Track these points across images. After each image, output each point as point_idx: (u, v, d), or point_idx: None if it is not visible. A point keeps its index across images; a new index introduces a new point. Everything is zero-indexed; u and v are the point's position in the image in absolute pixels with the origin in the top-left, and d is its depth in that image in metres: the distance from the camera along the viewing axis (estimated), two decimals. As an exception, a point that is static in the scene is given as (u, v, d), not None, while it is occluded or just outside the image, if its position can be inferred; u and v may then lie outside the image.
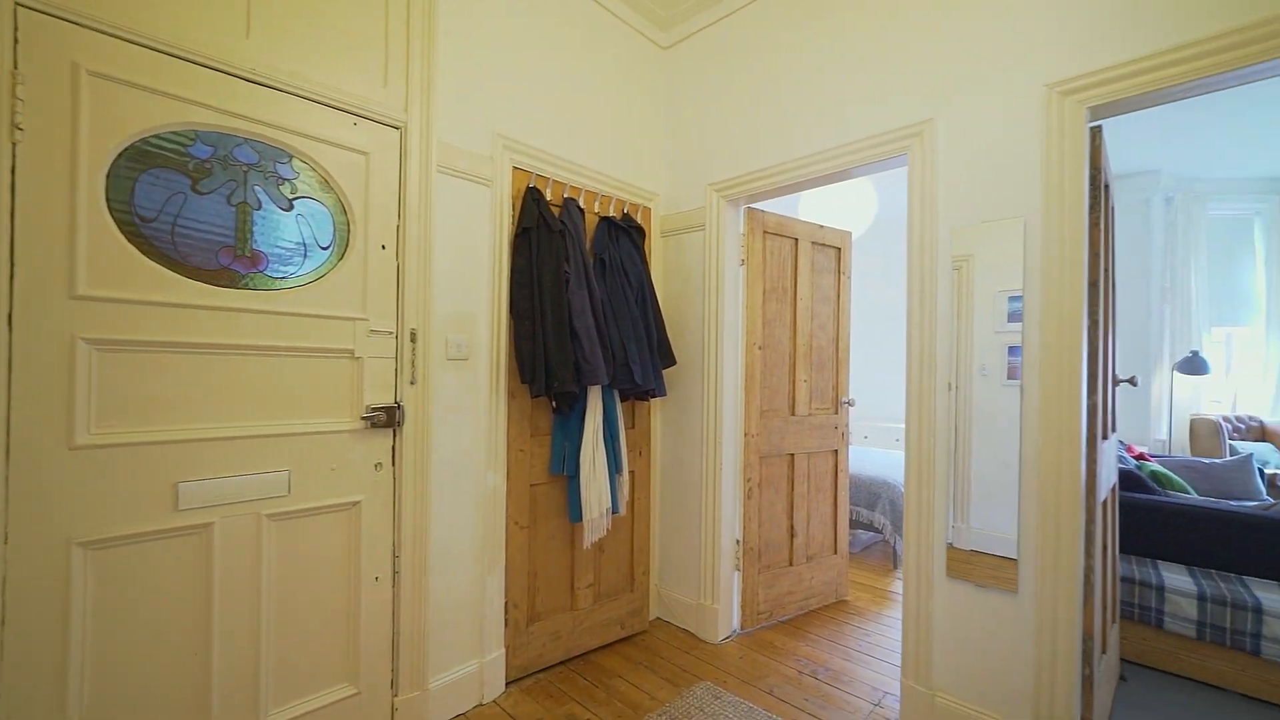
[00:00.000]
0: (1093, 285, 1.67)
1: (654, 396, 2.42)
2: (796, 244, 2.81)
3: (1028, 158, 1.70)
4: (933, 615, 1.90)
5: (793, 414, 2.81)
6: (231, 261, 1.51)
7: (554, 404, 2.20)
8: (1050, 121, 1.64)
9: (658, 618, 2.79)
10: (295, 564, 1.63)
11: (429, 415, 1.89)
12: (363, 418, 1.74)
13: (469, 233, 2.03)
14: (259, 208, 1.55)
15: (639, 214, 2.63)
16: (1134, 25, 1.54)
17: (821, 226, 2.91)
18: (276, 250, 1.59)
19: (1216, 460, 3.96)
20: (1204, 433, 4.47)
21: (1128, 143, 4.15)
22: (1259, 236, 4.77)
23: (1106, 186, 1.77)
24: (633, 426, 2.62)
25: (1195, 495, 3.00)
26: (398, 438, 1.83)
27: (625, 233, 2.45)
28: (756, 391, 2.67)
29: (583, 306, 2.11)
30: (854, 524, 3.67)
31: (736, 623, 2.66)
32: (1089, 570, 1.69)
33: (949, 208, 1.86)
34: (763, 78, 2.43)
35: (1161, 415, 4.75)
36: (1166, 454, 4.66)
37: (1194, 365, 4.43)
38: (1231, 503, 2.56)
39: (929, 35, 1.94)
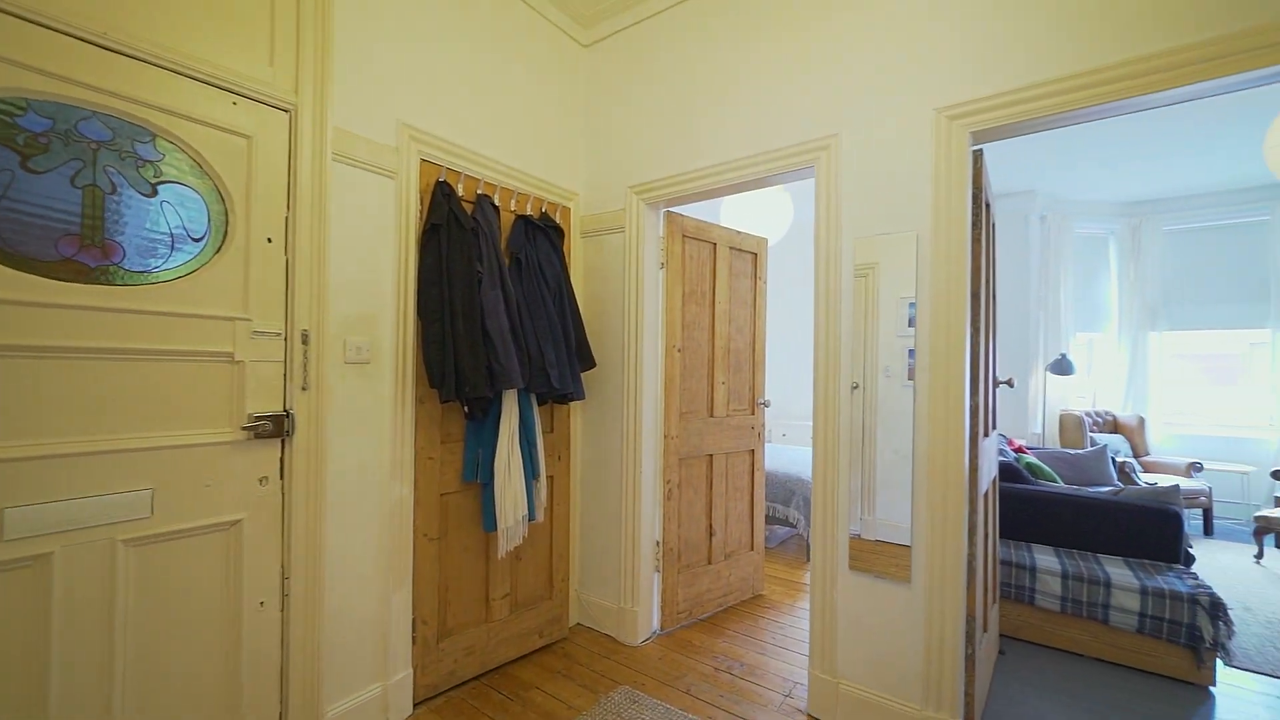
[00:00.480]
0: (975, 296, 1.81)
1: (573, 400, 2.39)
2: (715, 248, 2.86)
3: (919, 176, 1.83)
4: (837, 607, 2.00)
5: (711, 415, 2.87)
6: (77, 252, 1.32)
7: (466, 409, 2.11)
8: (938, 143, 1.77)
9: (578, 624, 2.76)
10: (160, 593, 1.45)
11: (324, 423, 1.75)
12: (244, 428, 1.58)
13: (371, 228, 1.90)
14: (113, 192, 1.37)
15: (558, 214, 2.59)
16: (1009, 60, 1.69)
17: (739, 232, 2.99)
18: (138, 241, 1.40)
19: (1080, 451, 4.47)
20: (1070, 426, 5.03)
21: (1011, 165, 4.59)
22: (1113, 253, 5.44)
23: (988, 205, 1.93)
24: (551, 431, 2.56)
25: (1061, 484, 3.35)
26: (287, 448, 1.68)
27: (543, 232, 2.39)
28: (676, 393, 2.70)
29: (496, 308, 2.04)
30: (770, 520, 3.81)
31: (657, 624, 2.68)
32: (971, 557, 1.83)
33: (852, 219, 1.97)
34: (683, 85, 2.45)
35: (1037, 411, 5.30)
36: (1041, 446, 5.20)
37: (1062, 367, 4.97)
38: (1088, 489, 2.89)
39: (832, 57, 2.03)
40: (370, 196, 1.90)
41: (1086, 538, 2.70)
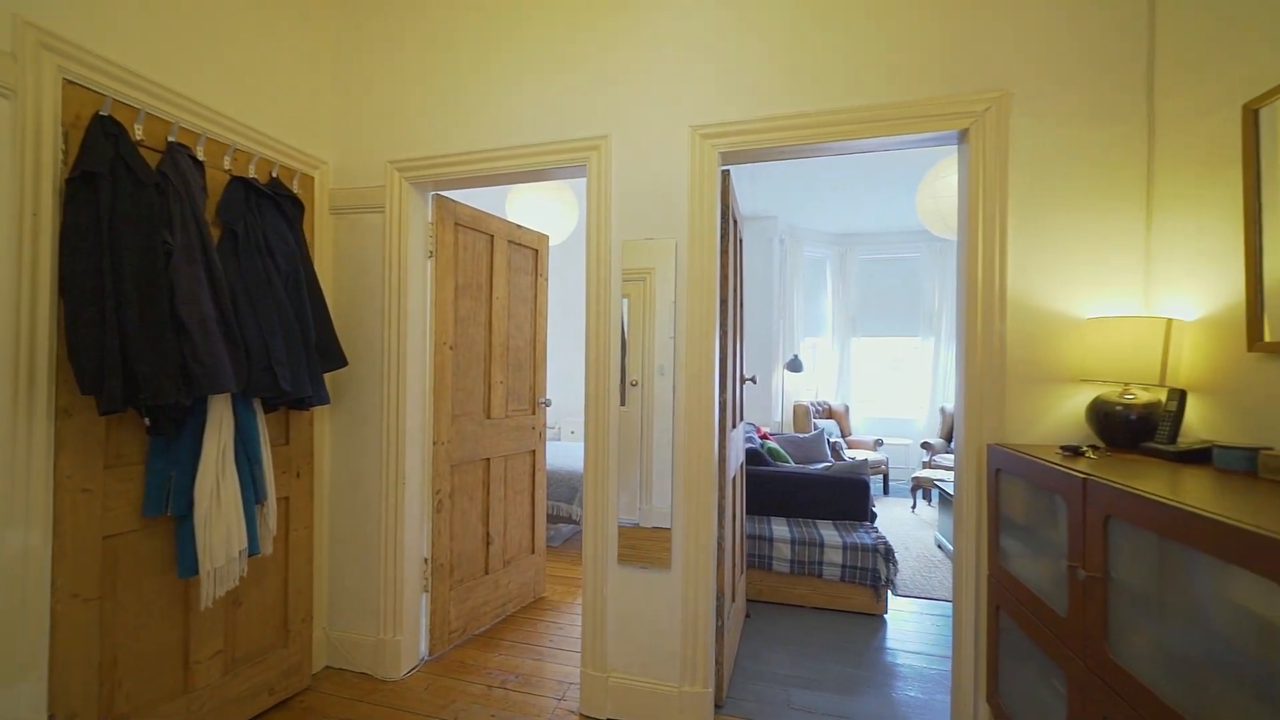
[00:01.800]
0: (724, 301, 2.01)
1: (313, 405, 2.01)
2: (493, 241, 2.72)
3: (679, 186, 1.96)
4: (607, 602, 2.04)
5: (488, 417, 2.72)
6: None
7: (149, 421, 1.61)
8: (694, 158, 1.93)
9: (327, 667, 2.35)
10: None
11: None
12: None
13: (-32, 164, 1.31)
14: None
15: (295, 181, 2.16)
16: (752, 93, 1.92)
17: (519, 226, 2.89)
18: None
19: (806, 435, 5.43)
20: (800, 415, 6.10)
21: (762, 193, 5.36)
22: (829, 274, 6.76)
23: (735, 221, 2.17)
24: (286, 442, 2.13)
25: (792, 464, 4.01)
26: None
27: (273, 201, 1.96)
28: (448, 395, 2.48)
29: (196, 290, 1.59)
30: (555, 519, 3.79)
31: (425, 650, 2.43)
32: (721, 538, 2.03)
33: (621, 221, 2.02)
34: (456, 59, 2.25)
35: (778, 403, 6.30)
36: (780, 432, 6.19)
37: (795, 365, 5.99)
38: (810, 467, 3.50)
39: (604, 60, 2.07)
40: (-35, 119, 1.31)
41: (808, 508, 3.26)
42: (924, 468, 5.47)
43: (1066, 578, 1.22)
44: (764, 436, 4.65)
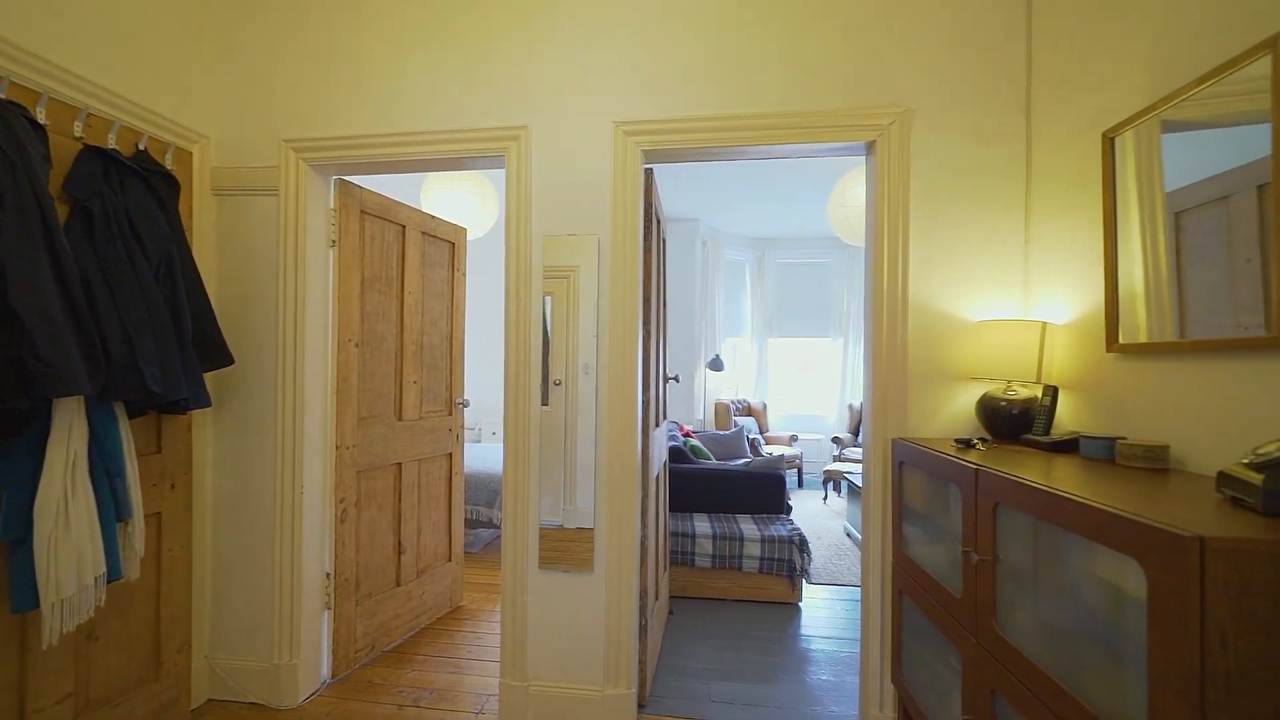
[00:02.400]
0: (646, 300, 2.01)
1: (189, 408, 1.78)
2: (404, 232, 2.55)
3: (602, 182, 1.93)
4: (527, 608, 1.97)
5: (400, 419, 2.55)
6: None
7: (-28, 430, 1.35)
8: (617, 154, 1.90)
9: (210, 700, 2.11)
10: None
11: None
12: None
13: None
14: None
15: (169, 156, 1.91)
16: (674, 93, 1.93)
17: (434, 217, 2.74)
18: None
19: (727, 432, 5.59)
20: (721, 412, 6.26)
21: (687, 194, 5.45)
22: (748, 276, 6.99)
23: (659, 221, 2.17)
24: (157, 451, 1.88)
25: (714, 460, 4.10)
26: None
27: (140, 177, 1.72)
28: (353, 396, 2.30)
29: (35, 274, 1.36)
30: (474, 523, 3.64)
31: (327, 671, 2.24)
32: (645, 537, 2.03)
33: (542, 216, 1.96)
34: (369, 34, 2.08)
35: (700, 401, 6.44)
36: (703, 430, 6.33)
37: (716, 364, 6.15)
38: (730, 463, 3.60)
39: (525, 48, 2.00)
40: None
41: (729, 503, 3.34)
42: (834, 461, 5.80)
43: (961, 562, 1.31)
44: (687, 434, 4.73)
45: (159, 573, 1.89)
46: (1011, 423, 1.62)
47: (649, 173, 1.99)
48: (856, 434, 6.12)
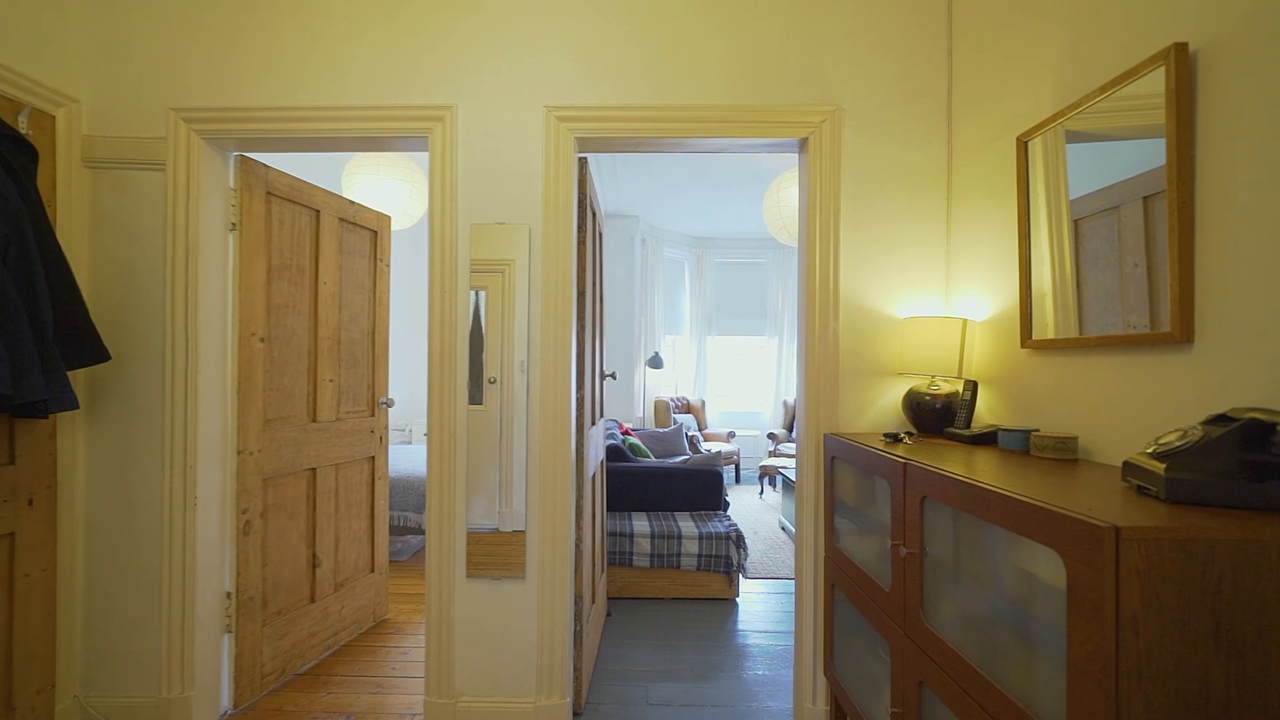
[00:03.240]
0: (581, 294, 1.94)
1: (53, 410, 1.55)
2: (319, 217, 2.35)
3: (533, 168, 1.84)
4: (454, 621, 1.86)
5: (314, 420, 2.35)
6: None
7: None
8: (549, 139, 1.82)
9: (82, 743, 1.85)
10: None
11: None
12: None
13: None
14: None
15: (24, 119, 1.65)
16: (608, 80, 1.86)
17: (353, 203, 2.54)
18: None
19: (666, 429, 5.60)
20: (661, 410, 6.27)
21: (626, 190, 5.39)
22: (687, 274, 7.04)
23: (594, 213, 2.10)
24: (10, 462, 1.62)
25: (652, 458, 4.08)
26: None
27: (-17, 143, 1.47)
28: (258, 395, 2.09)
29: None
30: (403, 530, 3.44)
31: (228, 701, 2.02)
32: (580, 541, 1.96)
33: (469, 203, 1.85)
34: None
35: (640, 399, 6.42)
36: (642, 428, 6.31)
37: (656, 362, 6.15)
38: (669, 461, 3.58)
39: (453, 24, 1.88)
40: None
41: (668, 501, 3.32)
42: (770, 456, 5.94)
43: (890, 555, 1.33)
44: (626, 433, 4.68)
45: (11, 603, 1.63)
46: (935, 417, 1.68)
47: (583, 161, 1.92)
48: (791, 430, 6.30)
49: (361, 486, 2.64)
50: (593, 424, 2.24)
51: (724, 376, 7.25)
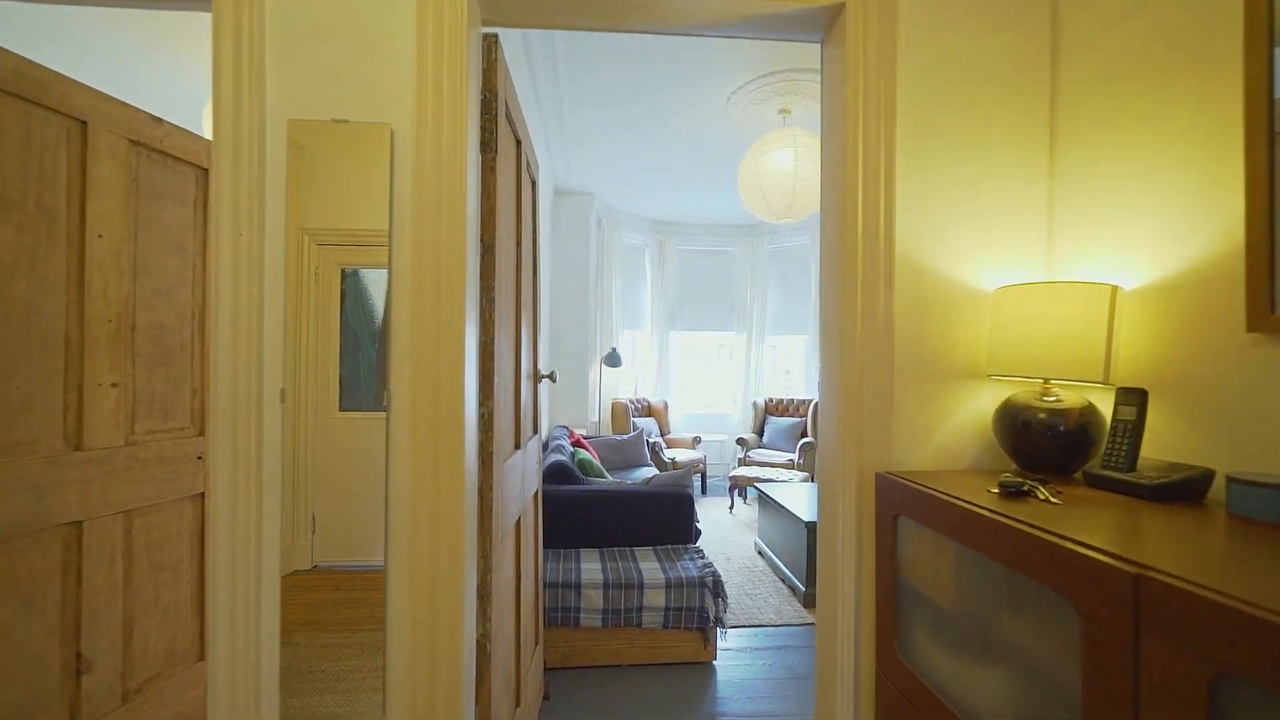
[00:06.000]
0: (489, 249, 1.20)
1: None
2: (86, 132, 1.52)
3: (397, 37, 1.09)
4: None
5: (78, 447, 1.52)
6: None
7: None
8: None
9: None
10: None
11: None
12: None
13: None
14: None
15: None
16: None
17: (160, 121, 1.71)
18: None
19: (625, 436, 4.89)
20: (619, 413, 5.56)
21: (578, 165, 4.65)
22: (648, 262, 6.35)
23: (511, 121, 1.36)
24: None
25: (607, 478, 3.37)
26: None
27: None
28: (-50, 413, 1.26)
29: None
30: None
31: None
32: (485, 636, 1.23)
33: (284, 85, 1.08)
34: None
35: (595, 401, 5.68)
36: (598, 434, 5.58)
37: (613, 359, 5.43)
38: (626, 483, 2.87)
39: None
40: None
41: (626, 532, 2.63)
42: (739, 465, 5.33)
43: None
44: (577, 443, 3.95)
45: None
46: (1057, 445, 1.04)
47: (492, 40, 1.18)
48: (762, 434, 5.70)
49: (179, 540, 1.81)
50: (518, 447, 1.52)
51: (689, 376, 6.60)
